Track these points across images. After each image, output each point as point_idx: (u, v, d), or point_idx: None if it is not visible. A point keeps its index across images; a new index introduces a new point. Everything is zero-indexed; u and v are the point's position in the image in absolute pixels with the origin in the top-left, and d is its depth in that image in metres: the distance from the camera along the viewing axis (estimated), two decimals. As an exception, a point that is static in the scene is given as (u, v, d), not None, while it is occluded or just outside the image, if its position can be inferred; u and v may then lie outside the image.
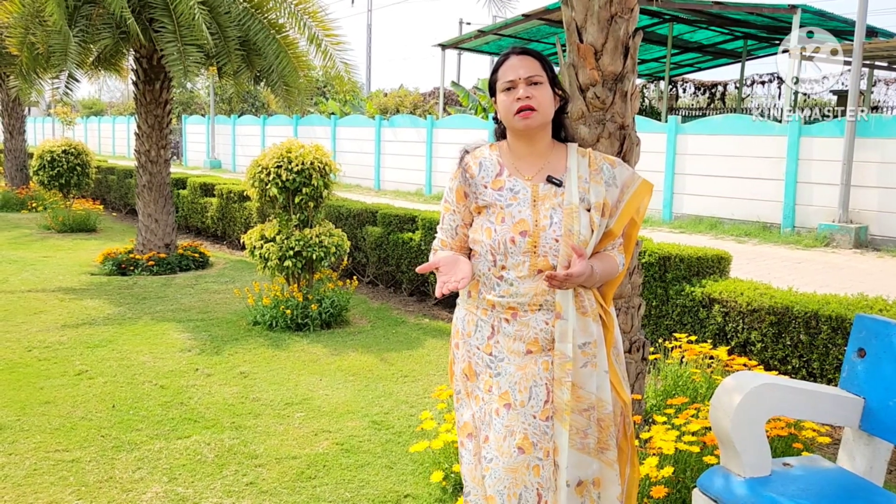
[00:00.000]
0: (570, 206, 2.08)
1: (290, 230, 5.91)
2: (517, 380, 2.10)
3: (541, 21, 17.50)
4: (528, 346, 2.10)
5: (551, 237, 2.06)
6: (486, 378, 2.15)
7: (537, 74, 2.10)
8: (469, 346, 2.19)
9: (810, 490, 2.18)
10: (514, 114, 2.09)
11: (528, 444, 2.08)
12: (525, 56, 2.14)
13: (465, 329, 2.21)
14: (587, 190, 2.12)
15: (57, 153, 11.62)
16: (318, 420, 4.02)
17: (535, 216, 2.08)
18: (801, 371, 4.03)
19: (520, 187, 2.12)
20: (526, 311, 2.09)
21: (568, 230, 2.06)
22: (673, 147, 13.60)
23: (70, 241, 10.34)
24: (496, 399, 2.12)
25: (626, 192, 2.19)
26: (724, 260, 4.93)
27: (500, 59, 2.17)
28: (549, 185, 2.12)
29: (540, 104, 2.09)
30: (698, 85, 26.25)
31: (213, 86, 28.23)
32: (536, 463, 2.09)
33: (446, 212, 2.25)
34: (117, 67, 9.11)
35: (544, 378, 2.10)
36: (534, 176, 2.14)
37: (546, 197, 2.11)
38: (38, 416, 3.99)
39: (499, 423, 2.10)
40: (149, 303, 6.65)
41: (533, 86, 2.09)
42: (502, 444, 2.09)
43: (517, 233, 2.07)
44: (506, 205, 2.11)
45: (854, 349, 2.43)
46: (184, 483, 3.28)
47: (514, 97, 2.09)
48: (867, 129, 11.20)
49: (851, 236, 10.97)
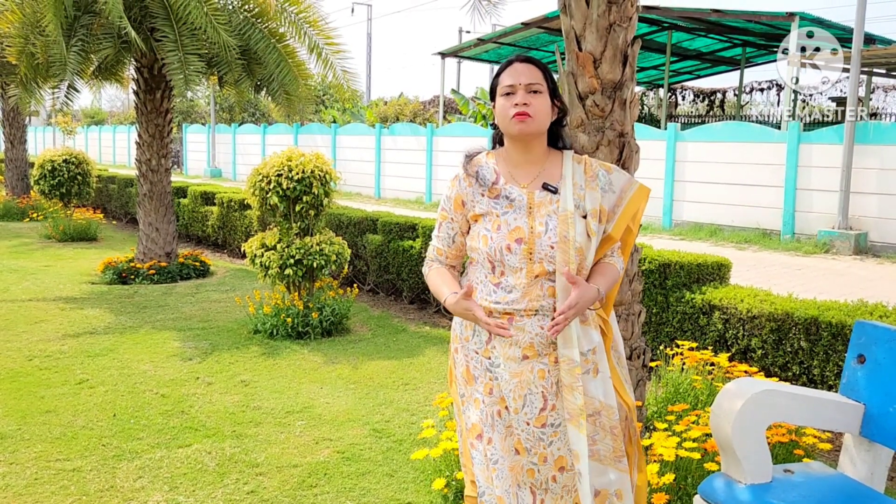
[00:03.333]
0: (566, 213, 2.10)
1: (291, 238, 5.92)
2: (512, 387, 2.12)
3: (540, 29, 17.56)
4: (523, 351, 2.11)
5: (547, 244, 2.09)
6: (485, 381, 2.17)
7: (538, 83, 2.12)
8: (467, 351, 2.22)
9: (811, 497, 2.18)
10: (511, 118, 2.11)
11: (521, 447, 2.13)
12: (527, 63, 2.16)
13: (463, 334, 2.24)
14: (582, 197, 2.14)
15: (58, 162, 11.64)
16: (319, 428, 4.02)
17: (531, 223, 2.11)
18: (801, 377, 4.03)
19: (516, 195, 2.14)
20: (522, 317, 2.10)
21: (563, 237, 2.08)
22: (672, 154, 13.62)
23: (71, 251, 10.35)
24: (497, 402, 2.15)
25: (623, 197, 2.22)
26: (724, 267, 4.94)
27: (503, 65, 2.19)
28: (545, 192, 2.14)
29: (537, 112, 2.11)
30: (697, 92, 26.31)
31: (214, 95, 28.29)
32: (531, 467, 2.14)
33: (443, 220, 2.26)
34: (118, 77, 9.14)
35: (539, 386, 2.11)
36: (530, 183, 2.16)
37: (542, 204, 2.13)
38: (39, 426, 3.99)
39: (500, 424, 2.14)
40: (149, 311, 6.65)
41: (532, 94, 2.11)
42: (504, 444, 2.13)
43: (513, 240, 2.10)
44: (501, 213, 2.13)
45: (854, 355, 2.43)
46: (185, 492, 3.28)
47: (513, 102, 2.11)
48: (866, 135, 11.22)
49: (851, 243, 10.98)
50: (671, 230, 13.38)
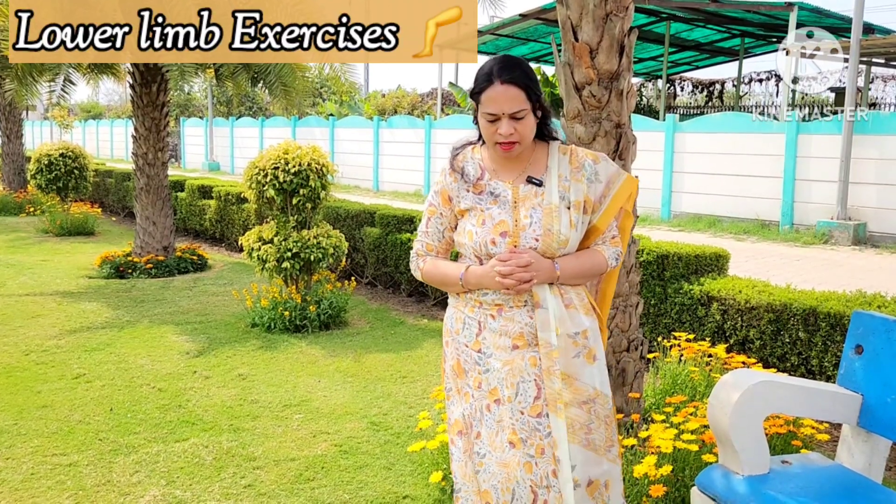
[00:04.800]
0: (550, 206, 2.09)
1: (288, 232, 5.90)
2: (503, 375, 2.11)
3: (538, 21, 17.50)
4: (513, 340, 2.10)
5: (531, 236, 2.08)
6: (475, 375, 2.16)
7: (521, 109, 2.04)
8: (458, 344, 2.20)
9: (809, 488, 2.17)
10: (495, 144, 2.09)
11: (516, 439, 2.09)
12: (510, 87, 2.02)
13: (453, 327, 2.22)
14: (567, 188, 2.12)
15: (55, 157, 11.60)
16: (317, 421, 4.01)
17: (515, 216, 2.10)
18: (799, 368, 4.03)
19: (500, 189, 2.13)
20: (511, 308, 2.10)
21: (547, 229, 2.07)
22: (671, 145, 13.59)
23: (68, 245, 10.33)
24: (486, 395, 2.13)
25: (611, 188, 2.19)
26: (723, 258, 4.93)
27: (483, 80, 2.05)
28: (529, 185, 2.13)
29: (523, 136, 2.08)
30: (696, 83, 26.25)
31: (211, 88, 28.20)
32: (527, 460, 2.08)
33: (431, 215, 2.25)
34: (114, 70, 9.11)
35: (532, 374, 2.09)
36: (515, 178, 2.15)
37: (527, 197, 2.12)
38: (35, 420, 3.98)
39: (490, 419, 2.12)
40: (147, 306, 6.64)
41: (516, 120, 2.05)
42: (494, 439, 2.11)
43: (497, 234, 2.09)
44: (486, 208, 2.12)
45: (852, 346, 2.42)
46: (182, 486, 3.27)
47: (496, 129, 2.06)
48: (865, 125, 11.19)
49: (850, 233, 10.97)
50: (670, 221, 13.37)
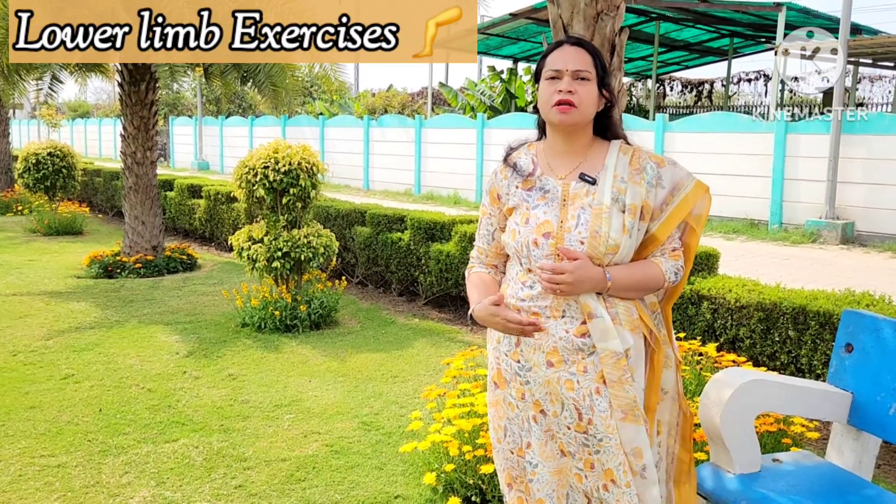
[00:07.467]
0: (601, 206, 1.92)
1: (278, 231, 5.87)
2: (545, 392, 1.99)
3: (528, 20, 17.51)
4: (547, 356, 1.95)
5: (576, 238, 1.91)
6: (516, 385, 2.03)
7: (586, 70, 1.93)
8: (498, 353, 2.07)
9: (800, 485, 2.18)
10: (552, 105, 1.93)
11: (566, 450, 2.00)
12: (578, 48, 1.96)
13: (494, 335, 2.09)
14: (623, 190, 1.93)
15: (42, 155, 11.51)
16: (308, 422, 3.99)
17: (562, 215, 1.94)
18: (789, 367, 4.04)
19: (550, 186, 1.98)
20: (548, 318, 1.94)
21: (595, 231, 1.90)
22: (661, 145, 13.63)
23: (56, 244, 10.25)
24: (531, 406, 2.02)
25: (676, 195, 2.00)
26: (713, 257, 4.94)
27: (552, 47, 2.00)
28: (581, 182, 1.96)
29: (581, 101, 1.92)
30: (685, 83, 26.36)
31: (201, 86, 28.05)
32: (577, 472, 2.00)
33: (483, 216, 2.14)
34: (103, 68, 9.05)
35: (570, 398, 1.94)
36: (567, 174, 1.99)
37: (577, 196, 1.95)
38: (23, 422, 3.94)
39: (537, 429, 2.02)
40: (136, 305, 6.60)
41: (579, 80, 1.93)
42: (544, 448, 2.01)
43: (540, 234, 1.94)
44: (532, 205, 1.98)
45: (842, 344, 2.43)
46: (172, 487, 3.25)
47: (556, 88, 1.92)
48: (853, 125, 11.27)
49: (838, 232, 11.04)
50: (660, 221, 13.41)
